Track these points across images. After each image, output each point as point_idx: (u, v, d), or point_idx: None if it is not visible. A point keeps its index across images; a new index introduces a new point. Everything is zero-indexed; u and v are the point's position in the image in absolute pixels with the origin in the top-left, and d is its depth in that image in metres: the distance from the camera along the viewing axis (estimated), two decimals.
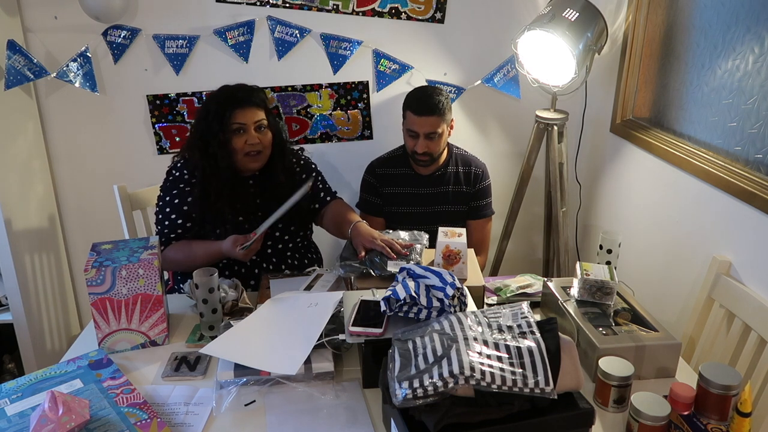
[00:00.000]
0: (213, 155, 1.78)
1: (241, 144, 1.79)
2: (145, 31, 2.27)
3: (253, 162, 1.83)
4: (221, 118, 1.77)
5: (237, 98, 1.79)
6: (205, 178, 1.79)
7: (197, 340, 1.51)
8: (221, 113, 1.77)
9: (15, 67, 2.16)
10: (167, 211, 1.82)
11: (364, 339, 1.29)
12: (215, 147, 1.77)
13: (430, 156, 2.11)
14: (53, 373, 1.34)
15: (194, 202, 1.80)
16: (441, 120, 2.05)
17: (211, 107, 1.80)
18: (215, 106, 1.79)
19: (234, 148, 1.79)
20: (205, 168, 1.78)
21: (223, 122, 1.77)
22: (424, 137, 2.07)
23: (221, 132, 1.77)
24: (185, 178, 1.84)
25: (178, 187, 1.83)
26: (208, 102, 1.83)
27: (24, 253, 2.24)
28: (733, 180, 1.70)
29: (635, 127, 2.25)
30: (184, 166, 1.86)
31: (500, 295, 1.68)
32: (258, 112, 1.81)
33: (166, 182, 1.87)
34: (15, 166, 2.21)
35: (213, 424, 1.24)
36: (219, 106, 1.78)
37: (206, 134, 1.78)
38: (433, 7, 2.35)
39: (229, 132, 1.77)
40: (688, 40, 1.97)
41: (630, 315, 1.48)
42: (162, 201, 1.85)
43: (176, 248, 1.80)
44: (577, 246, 2.65)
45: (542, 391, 1.08)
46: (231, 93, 1.82)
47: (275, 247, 1.91)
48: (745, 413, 1.13)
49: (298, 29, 2.32)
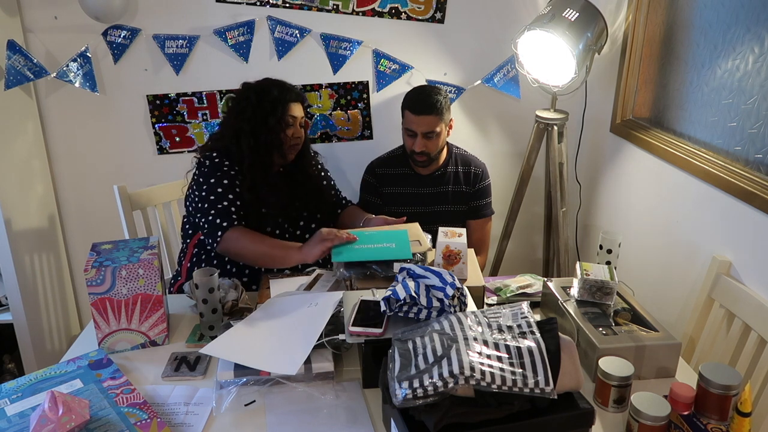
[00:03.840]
0: (264, 144, 1.83)
1: (290, 135, 1.87)
2: (145, 31, 2.27)
3: (291, 154, 1.92)
4: (282, 108, 1.84)
5: (292, 92, 1.89)
6: (252, 166, 1.81)
7: (197, 340, 1.51)
8: (281, 104, 1.84)
9: (15, 67, 2.16)
10: (220, 192, 1.76)
11: (364, 339, 1.29)
12: (267, 136, 1.83)
13: (428, 156, 2.11)
14: (53, 373, 1.34)
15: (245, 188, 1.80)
16: (439, 119, 2.05)
17: (266, 99, 1.84)
18: (274, 97, 1.84)
19: (283, 138, 1.86)
20: (255, 158, 1.81)
21: (283, 113, 1.84)
22: (421, 136, 2.07)
23: (280, 122, 1.83)
24: (227, 165, 1.82)
25: (223, 171, 1.80)
26: (261, 93, 1.86)
27: (24, 253, 2.24)
28: (733, 180, 1.70)
29: (635, 127, 2.25)
30: (222, 155, 1.83)
31: (500, 295, 1.68)
32: (302, 108, 1.93)
33: (204, 170, 1.82)
34: (15, 166, 2.21)
35: (213, 424, 1.24)
36: (278, 96, 1.85)
37: (259, 124, 1.83)
38: (433, 7, 2.35)
39: (284, 123, 1.85)
40: (688, 40, 1.97)
41: (630, 315, 1.48)
42: (207, 185, 1.78)
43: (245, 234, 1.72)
44: (577, 246, 2.65)
45: (542, 391, 1.08)
46: (286, 87, 1.90)
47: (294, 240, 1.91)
48: (745, 413, 1.13)
49: (298, 29, 2.32)
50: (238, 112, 1.86)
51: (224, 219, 1.74)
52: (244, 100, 1.86)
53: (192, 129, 2.43)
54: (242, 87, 1.92)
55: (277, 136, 1.84)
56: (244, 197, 1.80)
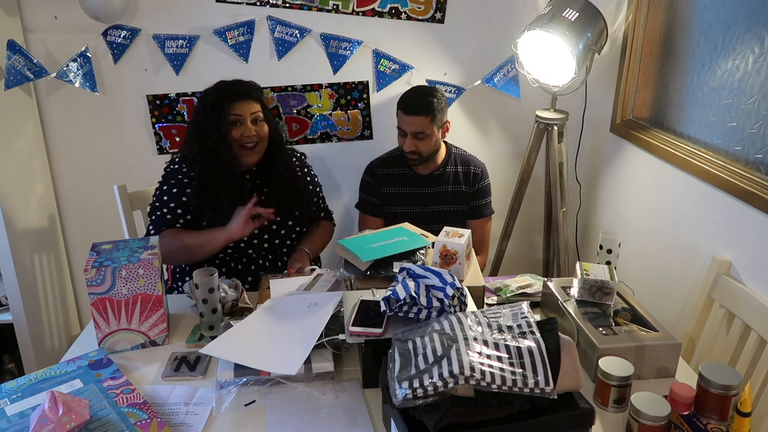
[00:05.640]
0: (212, 148, 1.80)
1: (238, 135, 1.82)
2: (145, 31, 2.27)
3: (249, 155, 1.86)
4: (220, 110, 1.80)
5: (234, 91, 1.84)
6: (204, 171, 1.81)
7: (197, 340, 1.51)
8: (219, 106, 1.81)
9: (15, 67, 2.16)
10: (165, 200, 1.83)
11: (364, 339, 1.29)
12: (214, 140, 1.80)
13: (419, 155, 2.12)
14: (53, 373, 1.34)
15: (193, 194, 1.81)
16: (429, 121, 2.05)
17: (208, 101, 1.83)
18: (213, 100, 1.82)
19: (230, 140, 1.82)
20: (205, 161, 1.81)
21: (221, 115, 1.80)
22: (411, 136, 2.08)
23: (221, 124, 1.80)
24: (183, 171, 1.86)
25: (176, 178, 1.85)
26: (205, 96, 1.86)
27: (24, 253, 2.24)
28: (733, 180, 1.70)
29: (635, 127, 2.25)
30: (183, 160, 1.88)
31: (500, 295, 1.68)
32: (254, 104, 1.86)
33: (164, 175, 1.90)
34: (15, 166, 2.21)
35: (213, 424, 1.24)
36: (217, 99, 1.82)
37: (204, 128, 1.81)
38: (433, 7, 2.35)
39: (227, 124, 1.81)
40: (688, 40, 1.97)
41: (630, 315, 1.48)
42: (160, 191, 1.86)
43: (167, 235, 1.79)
44: (577, 246, 2.65)
45: (542, 391, 1.08)
46: (228, 86, 1.86)
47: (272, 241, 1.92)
48: (745, 413, 1.13)
49: (298, 29, 2.32)
50: (191, 119, 1.91)
51: (156, 227, 1.81)
52: (196, 107, 1.90)
53: None
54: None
55: (223, 138, 1.80)
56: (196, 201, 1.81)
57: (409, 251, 1.62)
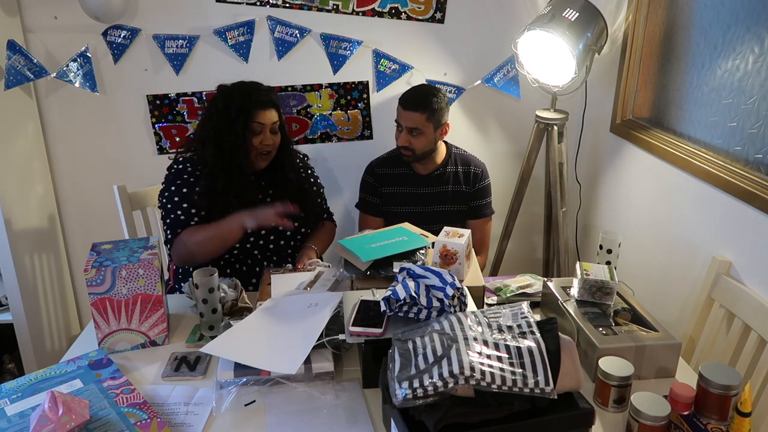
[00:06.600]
0: (228, 152, 1.79)
1: (257, 143, 1.83)
2: (145, 31, 2.27)
3: (262, 161, 1.87)
4: (245, 117, 1.79)
5: (259, 100, 1.82)
6: (212, 173, 1.80)
7: (197, 340, 1.51)
8: (245, 113, 1.79)
9: (15, 67, 2.16)
10: (176, 201, 1.81)
11: (364, 339, 1.29)
12: (232, 144, 1.79)
13: (412, 152, 2.12)
14: (53, 373, 1.34)
15: (201, 195, 1.80)
16: (425, 118, 2.06)
17: (232, 104, 1.80)
18: (239, 104, 1.80)
19: (249, 146, 1.82)
20: (217, 163, 1.79)
21: (246, 121, 1.79)
22: (406, 131, 2.08)
23: (243, 130, 1.79)
24: (189, 170, 1.84)
25: (182, 179, 1.83)
26: (226, 98, 1.83)
27: (24, 253, 2.24)
28: (733, 180, 1.70)
29: (635, 127, 2.25)
30: (187, 161, 1.86)
31: (500, 295, 1.68)
32: (275, 113, 1.86)
33: (169, 177, 1.87)
34: (15, 166, 2.21)
35: (213, 424, 1.24)
36: (242, 104, 1.80)
37: (224, 131, 1.80)
38: (433, 7, 2.35)
39: (248, 131, 1.80)
40: (688, 40, 1.97)
41: (630, 315, 1.48)
42: (168, 192, 1.83)
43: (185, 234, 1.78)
44: (577, 246, 2.65)
45: (542, 391, 1.08)
46: (252, 92, 1.83)
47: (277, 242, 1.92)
48: (745, 413, 1.13)
49: (298, 29, 2.32)
50: (206, 118, 1.87)
51: (172, 231, 1.80)
52: (213, 106, 1.85)
53: (192, 129, 2.43)
54: (216, 90, 1.88)
55: (244, 145, 1.81)
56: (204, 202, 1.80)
57: (409, 251, 1.63)
